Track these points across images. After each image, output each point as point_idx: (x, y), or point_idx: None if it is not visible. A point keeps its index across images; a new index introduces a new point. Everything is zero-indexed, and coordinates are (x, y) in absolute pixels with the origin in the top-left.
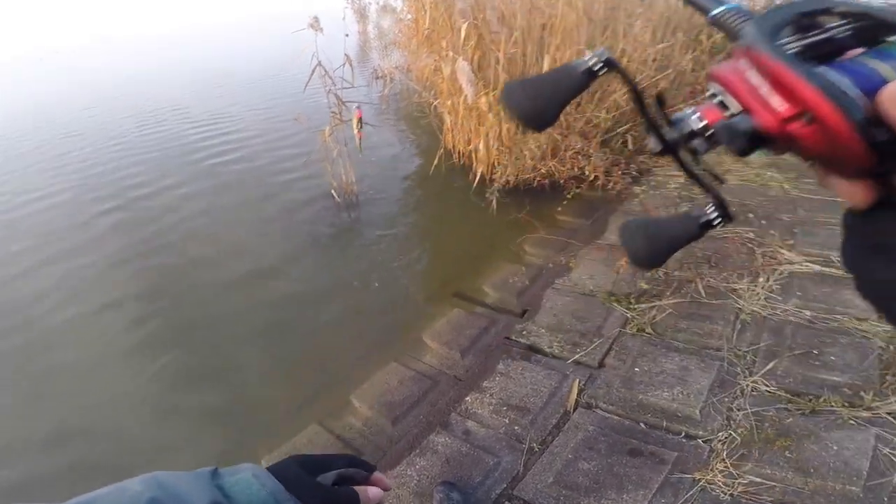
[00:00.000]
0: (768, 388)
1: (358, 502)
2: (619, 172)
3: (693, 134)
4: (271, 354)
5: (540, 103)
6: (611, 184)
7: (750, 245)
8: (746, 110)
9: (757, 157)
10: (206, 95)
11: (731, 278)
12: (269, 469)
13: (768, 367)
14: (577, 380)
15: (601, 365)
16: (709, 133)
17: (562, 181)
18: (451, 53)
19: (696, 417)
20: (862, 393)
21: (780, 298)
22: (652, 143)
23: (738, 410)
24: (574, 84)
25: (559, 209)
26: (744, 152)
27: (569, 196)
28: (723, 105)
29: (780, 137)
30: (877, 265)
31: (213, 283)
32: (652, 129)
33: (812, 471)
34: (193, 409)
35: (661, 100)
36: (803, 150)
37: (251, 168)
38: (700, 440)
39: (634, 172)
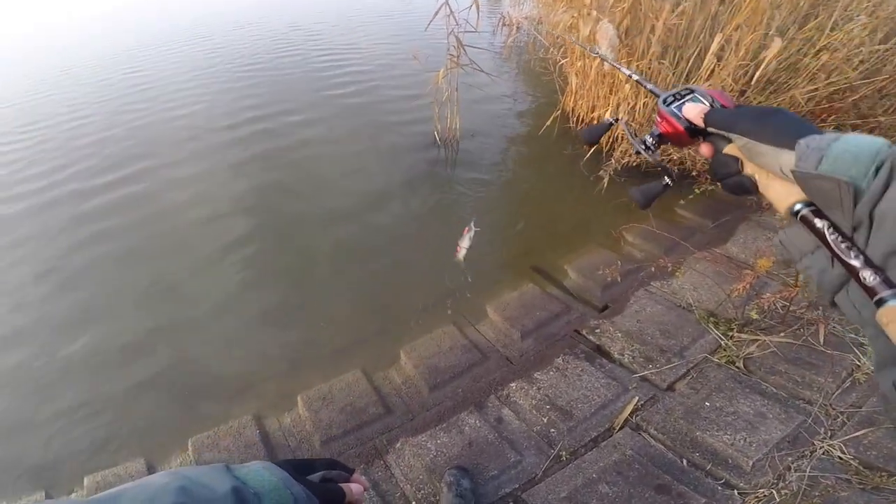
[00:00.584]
0: (842, 455)
1: (344, 497)
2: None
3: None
4: (341, 289)
5: (592, 137)
6: None
7: None
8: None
9: None
10: (338, 26)
11: (862, 331)
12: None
13: (856, 434)
14: (637, 398)
15: (670, 388)
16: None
17: (695, 173)
18: (594, 13)
19: (746, 468)
20: None
21: None
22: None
23: (795, 471)
24: (603, 129)
25: (681, 202)
26: (656, 144)
27: (698, 191)
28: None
29: (666, 137)
30: (724, 177)
31: (307, 210)
32: (635, 141)
33: None
34: (255, 328)
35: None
36: (671, 140)
37: (364, 102)
38: (736, 491)
39: None
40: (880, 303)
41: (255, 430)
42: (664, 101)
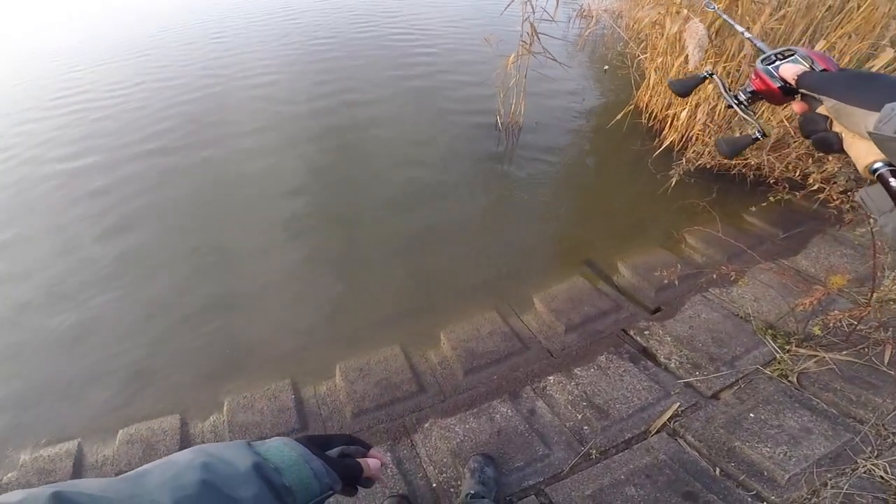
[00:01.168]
0: (884, 475)
1: (361, 472)
2: (853, 192)
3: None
4: (390, 267)
5: (684, 90)
6: (839, 202)
7: None
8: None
9: None
10: (416, 3)
11: None
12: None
13: None
14: (679, 404)
15: (714, 397)
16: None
17: (772, 180)
18: (684, 11)
19: (781, 482)
20: None
21: None
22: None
23: (832, 487)
24: (696, 82)
25: (752, 209)
26: (749, 101)
27: (773, 199)
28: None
29: (760, 93)
30: (811, 133)
31: (363, 190)
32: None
33: None
34: (304, 298)
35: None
36: (764, 97)
37: (432, 85)
38: None
39: None
40: None
41: (291, 396)
42: (762, 60)
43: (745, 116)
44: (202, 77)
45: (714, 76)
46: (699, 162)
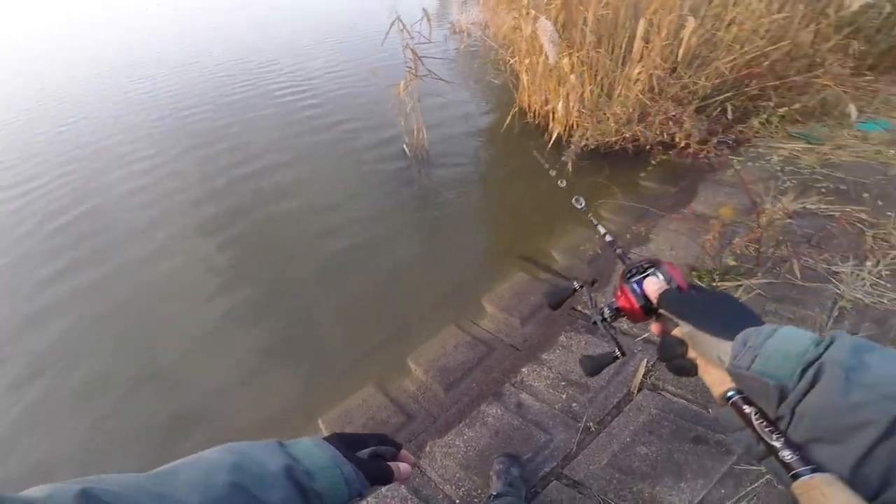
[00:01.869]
0: None
1: (392, 477)
2: (716, 141)
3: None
4: (337, 309)
5: (554, 301)
6: (704, 152)
7: (860, 226)
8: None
9: (880, 132)
10: (287, 53)
11: (833, 260)
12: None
13: None
14: (646, 359)
15: None
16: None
17: (648, 147)
18: (532, 12)
19: None
20: None
21: (888, 286)
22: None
23: None
24: (564, 292)
25: (642, 175)
26: (613, 317)
27: (654, 162)
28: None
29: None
30: (669, 358)
31: (286, 234)
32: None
33: None
34: (262, 365)
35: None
36: (626, 315)
37: (333, 134)
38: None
39: (731, 142)
40: (795, 476)
41: None
42: (626, 276)
43: (607, 334)
44: (64, 176)
45: (583, 288)
46: (583, 144)
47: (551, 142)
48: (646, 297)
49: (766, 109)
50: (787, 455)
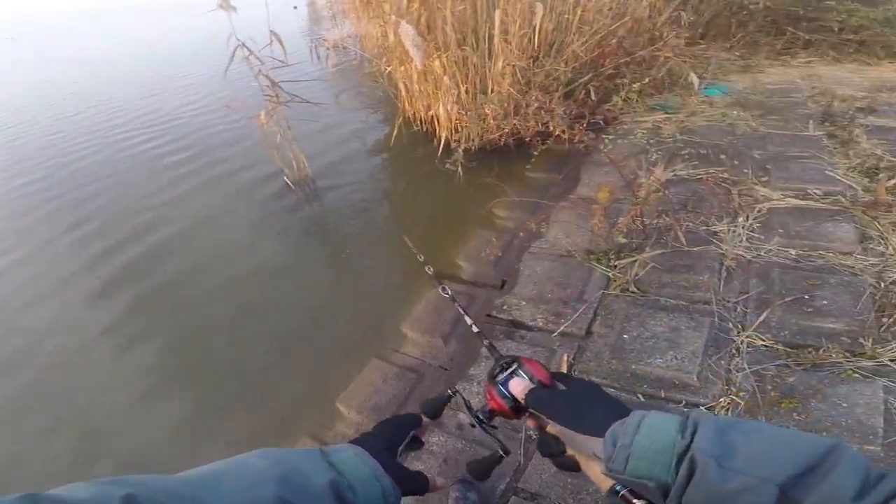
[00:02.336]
0: (765, 343)
1: (427, 489)
2: (584, 124)
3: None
4: (252, 367)
5: (433, 413)
6: (576, 137)
7: (725, 185)
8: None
9: (721, 96)
10: (138, 92)
11: (710, 221)
12: (361, 445)
13: (761, 319)
14: (566, 354)
15: (588, 333)
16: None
17: (528, 139)
18: (393, 17)
19: (695, 384)
20: (861, 340)
21: (762, 238)
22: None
23: (737, 371)
24: (442, 403)
25: (528, 167)
26: (488, 419)
27: (536, 153)
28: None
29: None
30: (549, 455)
31: (181, 296)
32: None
33: (825, 433)
34: (181, 428)
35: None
36: (501, 415)
37: (200, 166)
38: (703, 408)
39: (601, 122)
40: None
41: None
42: (493, 377)
43: (488, 434)
44: None
45: (458, 394)
46: (467, 146)
47: (441, 147)
48: (514, 398)
49: (624, 86)
50: None
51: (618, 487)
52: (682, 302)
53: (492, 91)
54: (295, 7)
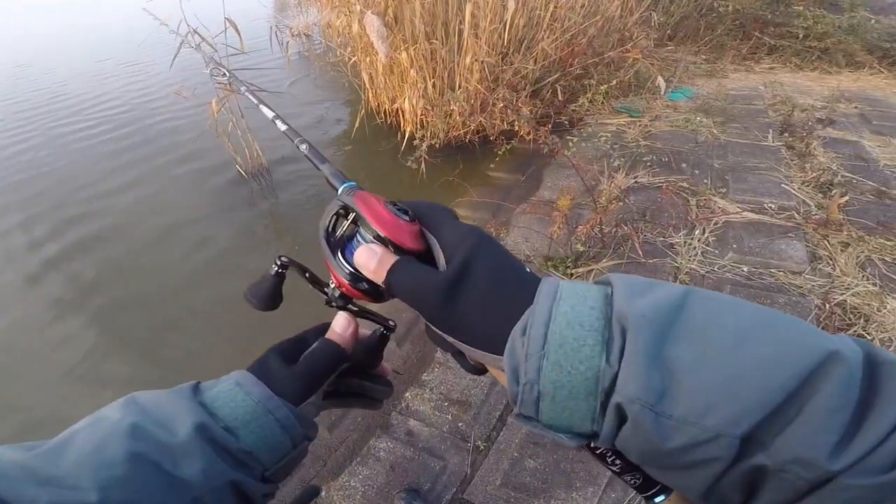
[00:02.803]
0: None
1: (337, 352)
2: (549, 127)
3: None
4: (196, 363)
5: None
6: (541, 138)
7: (684, 195)
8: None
9: (686, 101)
10: (76, 80)
11: (667, 232)
12: (251, 370)
13: None
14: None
15: None
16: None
17: (492, 137)
18: (358, 7)
19: None
20: None
21: (716, 252)
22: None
23: None
24: (273, 285)
25: (492, 166)
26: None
27: (500, 152)
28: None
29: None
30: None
31: (125, 288)
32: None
33: None
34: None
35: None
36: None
37: (140, 155)
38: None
39: (566, 122)
40: (648, 499)
41: None
42: (325, 240)
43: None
44: None
45: (289, 266)
46: (431, 142)
47: (405, 141)
48: (366, 279)
49: (591, 87)
50: (629, 479)
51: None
52: None
53: (459, 87)
54: None
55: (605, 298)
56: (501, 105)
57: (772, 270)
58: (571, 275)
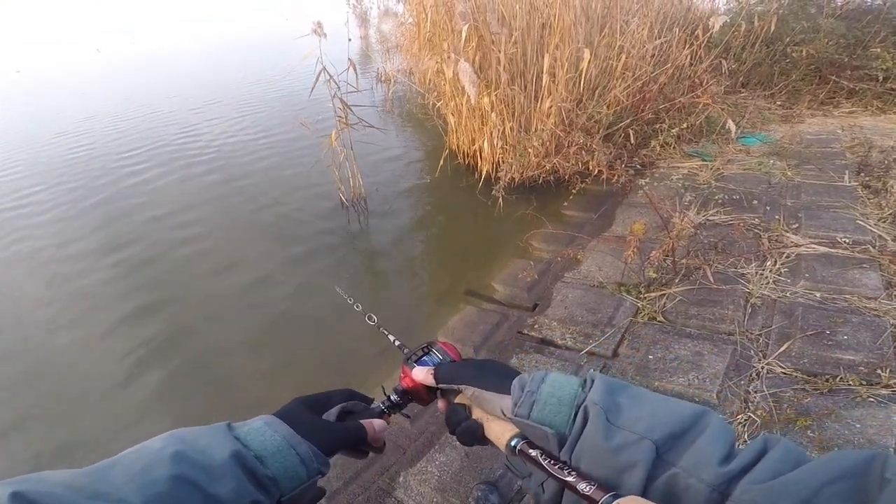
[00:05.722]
0: (784, 370)
1: (365, 435)
2: (623, 165)
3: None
4: (286, 375)
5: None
6: (615, 177)
7: (756, 230)
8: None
9: (759, 145)
10: (219, 107)
11: (738, 263)
12: (277, 414)
13: (782, 349)
14: (592, 370)
15: (615, 354)
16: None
17: (566, 177)
18: (452, 55)
19: (714, 401)
20: (879, 371)
21: (788, 281)
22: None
23: (756, 392)
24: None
25: (565, 204)
26: (401, 399)
27: (574, 191)
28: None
29: (409, 393)
30: (455, 425)
31: (220, 295)
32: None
33: (837, 450)
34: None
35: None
36: (413, 397)
37: (264, 180)
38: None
39: (638, 165)
40: None
41: None
42: (407, 359)
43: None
44: None
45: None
46: (507, 178)
47: (482, 180)
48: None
49: (662, 132)
50: (584, 487)
51: (514, 441)
52: (706, 331)
53: (535, 129)
54: (350, 39)
55: (581, 384)
56: (576, 147)
57: (846, 296)
58: (644, 297)
